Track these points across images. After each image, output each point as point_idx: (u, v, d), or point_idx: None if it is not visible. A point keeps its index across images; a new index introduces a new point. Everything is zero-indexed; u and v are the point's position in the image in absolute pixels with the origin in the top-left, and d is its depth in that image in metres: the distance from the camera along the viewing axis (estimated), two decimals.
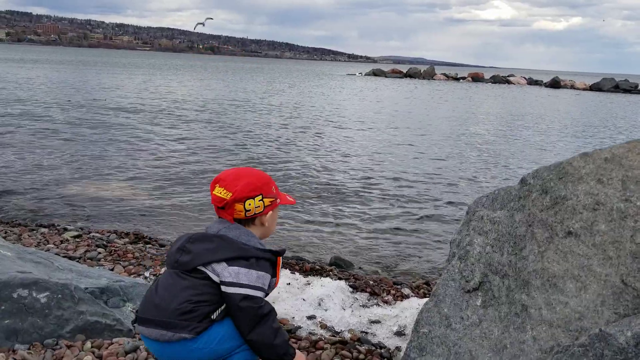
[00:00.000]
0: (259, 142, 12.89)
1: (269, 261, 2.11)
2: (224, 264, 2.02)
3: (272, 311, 2.08)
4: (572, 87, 62.48)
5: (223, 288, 2.02)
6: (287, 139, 13.49)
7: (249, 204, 2.13)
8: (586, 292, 1.89)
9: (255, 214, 2.16)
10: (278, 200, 2.25)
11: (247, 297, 2.00)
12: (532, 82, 68.24)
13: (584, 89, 60.07)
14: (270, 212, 2.22)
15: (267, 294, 2.11)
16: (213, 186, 2.16)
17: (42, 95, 21.07)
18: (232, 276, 2.01)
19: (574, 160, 2.17)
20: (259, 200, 2.15)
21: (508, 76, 70.90)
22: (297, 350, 2.19)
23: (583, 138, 16.95)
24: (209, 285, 2.04)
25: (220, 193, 2.12)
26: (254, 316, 2.02)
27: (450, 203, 8.15)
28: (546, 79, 68.32)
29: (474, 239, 2.43)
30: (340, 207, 7.53)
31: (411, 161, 11.42)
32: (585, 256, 1.95)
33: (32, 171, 8.51)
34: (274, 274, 2.13)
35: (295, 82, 48.30)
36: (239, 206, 2.12)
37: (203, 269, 2.04)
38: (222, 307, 2.07)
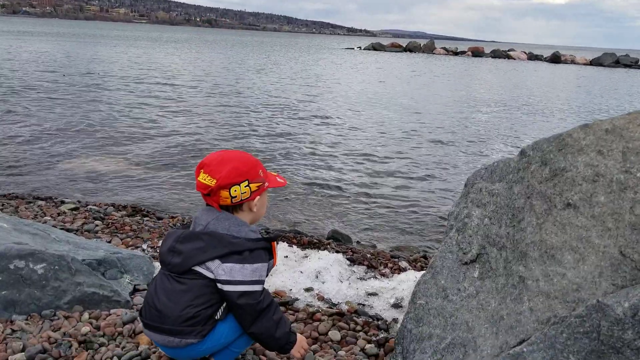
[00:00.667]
0: (258, 116, 12.81)
1: (264, 249, 2.07)
2: (218, 262, 1.99)
3: (271, 303, 2.07)
4: (573, 62, 62.06)
5: (219, 286, 2.00)
6: (286, 114, 13.41)
7: (235, 191, 2.06)
8: (584, 264, 1.88)
9: (241, 200, 2.09)
10: (266, 184, 2.17)
11: (244, 294, 1.99)
12: (532, 56, 67.71)
13: (585, 64, 59.68)
14: (258, 197, 2.15)
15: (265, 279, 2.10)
16: (198, 172, 2.08)
17: (37, 69, 20.86)
18: (226, 274, 1.98)
19: (574, 132, 2.14)
20: (245, 186, 2.07)
21: (508, 50, 70.33)
22: (298, 335, 2.20)
23: (580, 114, 16.86)
24: (206, 285, 2.02)
25: (205, 180, 2.04)
26: (253, 311, 2.02)
27: (448, 176, 8.15)
28: (547, 54, 67.81)
29: (472, 211, 2.42)
30: (338, 181, 7.52)
31: (410, 136, 11.37)
32: (584, 228, 1.94)
33: (28, 145, 8.46)
34: (271, 257, 2.11)
35: (295, 56, 47.85)
36: (224, 193, 2.05)
37: (197, 269, 2.01)
38: (224, 305, 2.07)
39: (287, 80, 22.86)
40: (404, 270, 4.11)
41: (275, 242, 2.17)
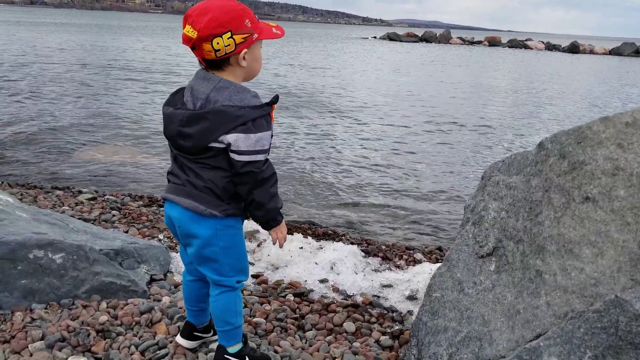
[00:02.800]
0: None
1: (267, 116, 1.99)
2: (224, 135, 1.93)
3: (272, 175, 2.04)
4: (591, 52, 61.15)
5: (229, 153, 1.97)
6: (305, 105, 13.40)
7: (217, 43, 1.91)
8: (602, 258, 1.87)
9: (226, 54, 1.95)
10: (255, 36, 2.00)
11: (248, 163, 1.96)
12: (550, 46, 66.78)
13: (604, 54, 58.77)
14: (245, 50, 1.99)
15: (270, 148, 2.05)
16: (184, 23, 1.94)
17: (56, 59, 21.03)
18: (232, 144, 1.93)
19: (594, 125, 2.11)
20: (228, 38, 1.91)
21: (525, 40, 69.44)
22: (283, 221, 2.18)
23: (599, 105, 16.62)
24: (224, 157, 1.98)
25: (188, 32, 1.91)
26: (254, 180, 1.99)
27: (465, 168, 8.09)
28: (565, 44, 66.87)
29: (489, 204, 2.41)
30: (354, 171, 7.51)
31: (427, 127, 11.30)
32: (603, 222, 1.92)
33: (45, 134, 8.55)
34: (270, 121, 2.04)
35: (309, 46, 47.74)
36: (206, 46, 1.91)
37: (210, 145, 1.96)
38: None
39: (300, 68, 22.83)
40: (419, 262, 4.10)
41: (275, 104, 2.05)
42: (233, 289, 2.19)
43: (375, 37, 78.13)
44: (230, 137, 1.92)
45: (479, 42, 69.61)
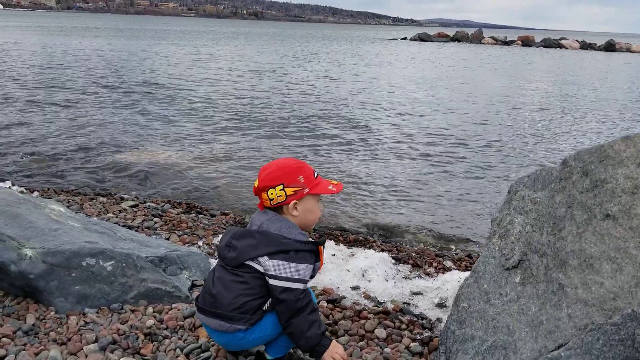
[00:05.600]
0: (315, 114, 12.98)
1: (310, 252, 2.24)
2: (266, 258, 2.19)
3: (309, 303, 2.23)
4: (628, 50, 59.79)
5: (267, 278, 2.21)
6: (336, 110, 13.55)
7: (271, 193, 2.29)
8: (621, 274, 1.97)
9: (278, 203, 2.31)
10: (306, 190, 2.32)
11: (286, 290, 2.18)
12: (585, 45, 65.49)
13: None
14: (295, 202, 2.31)
15: (309, 280, 2.27)
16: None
17: (92, 64, 21.64)
18: (272, 269, 2.18)
19: (615, 144, 2.21)
20: (280, 190, 2.28)
21: (560, 39, 68.24)
22: (334, 341, 2.34)
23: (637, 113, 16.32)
24: (257, 277, 2.23)
25: (255, 183, 2.35)
26: (292, 308, 2.20)
27: (497, 178, 8.10)
28: (600, 42, 65.51)
29: (515, 218, 2.52)
30: (384, 178, 7.62)
31: (458, 135, 11.32)
32: (622, 239, 2.02)
33: (82, 140, 8.88)
34: (317, 260, 2.29)
35: (341, 49, 47.85)
36: (264, 195, 2.31)
37: (249, 263, 2.23)
38: (271, 299, 2.27)
39: (338, 74, 22.97)
40: (449, 269, 4.20)
41: (323, 247, 2.32)
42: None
43: (405, 38, 77.80)
44: (272, 262, 2.19)
45: (512, 42, 68.70)
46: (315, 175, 2.38)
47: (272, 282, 2.19)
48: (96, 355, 2.57)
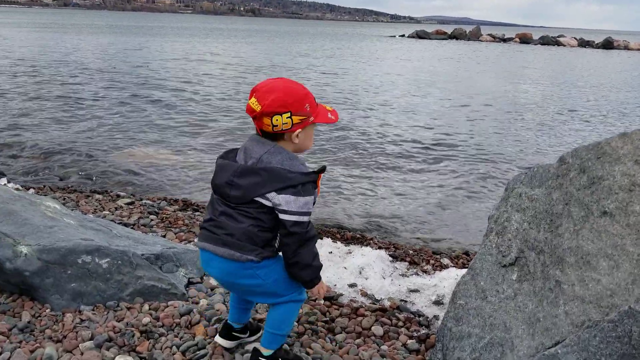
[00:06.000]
0: None
1: (313, 182, 2.18)
2: (274, 194, 2.12)
3: (315, 236, 2.24)
4: (626, 47, 59.88)
5: (277, 213, 2.16)
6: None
7: (276, 120, 2.13)
8: (618, 271, 1.96)
9: (282, 129, 2.16)
10: (311, 119, 2.22)
11: (297, 223, 2.15)
12: (583, 43, 65.55)
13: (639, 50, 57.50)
14: (299, 130, 2.20)
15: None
16: (250, 95, 2.18)
17: (87, 62, 21.58)
18: (283, 204, 2.12)
19: (613, 141, 2.20)
20: (287, 118, 2.14)
21: (558, 37, 68.31)
22: (322, 279, 2.37)
23: (632, 112, 16.33)
24: (264, 212, 2.17)
25: (253, 104, 2.14)
26: (300, 239, 2.18)
27: (494, 174, 8.10)
28: (598, 40, 65.58)
29: (512, 215, 2.51)
30: (381, 175, 7.62)
31: (454, 133, 11.32)
32: (619, 236, 2.01)
33: (79, 138, 8.86)
34: (315, 188, 2.22)
35: (340, 47, 47.83)
36: (266, 120, 2.14)
37: (257, 199, 2.16)
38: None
39: (339, 73, 22.95)
40: (446, 267, 4.20)
41: (322, 174, 2.26)
42: (297, 301, 2.39)
43: (403, 36, 77.76)
44: (281, 198, 2.12)
45: (510, 39, 68.75)
46: (317, 102, 2.29)
47: (282, 216, 2.14)
48: (92, 352, 2.55)
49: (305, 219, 2.17)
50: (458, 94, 17.09)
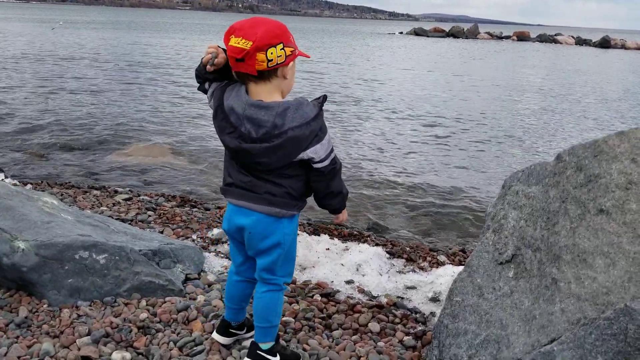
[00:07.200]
0: None
1: (322, 115, 2.12)
2: (302, 153, 2.08)
3: (341, 165, 2.27)
4: (623, 46, 59.91)
5: (311, 164, 2.15)
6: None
7: (271, 53, 1.98)
8: (614, 269, 1.97)
9: (277, 64, 2.02)
10: (297, 51, 2.12)
11: (330, 163, 2.16)
12: (580, 41, 65.61)
13: (636, 49, 57.54)
14: (291, 63, 2.11)
15: None
16: (227, 38, 2.02)
17: (87, 57, 21.53)
18: (315, 156, 2.11)
19: (610, 139, 2.21)
20: (281, 49, 2.00)
21: (555, 35, 68.37)
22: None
23: (629, 111, 16.36)
24: (297, 166, 2.15)
25: (239, 43, 1.96)
26: (333, 172, 2.21)
27: (491, 171, 8.13)
28: (596, 38, 65.64)
29: (509, 213, 2.52)
30: (378, 173, 7.63)
31: (450, 130, 11.33)
32: (616, 234, 2.02)
33: (79, 133, 8.84)
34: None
35: (338, 44, 47.79)
36: (260, 56, 1.97)
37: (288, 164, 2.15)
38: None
39: (336, 67, 22.94)
40: (442, 264, 4.21)
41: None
42: (279, 289, 2.38)
43: (401, 33, 77.74)
44: (310, 152, 2.09)
45: (508, 37, 68.77)
46: None
47: (316, 165, 2.14)
48: (89, 348, 2.56)
49: (333, 155, 2.18)
50: (456, 92, 17.10)
